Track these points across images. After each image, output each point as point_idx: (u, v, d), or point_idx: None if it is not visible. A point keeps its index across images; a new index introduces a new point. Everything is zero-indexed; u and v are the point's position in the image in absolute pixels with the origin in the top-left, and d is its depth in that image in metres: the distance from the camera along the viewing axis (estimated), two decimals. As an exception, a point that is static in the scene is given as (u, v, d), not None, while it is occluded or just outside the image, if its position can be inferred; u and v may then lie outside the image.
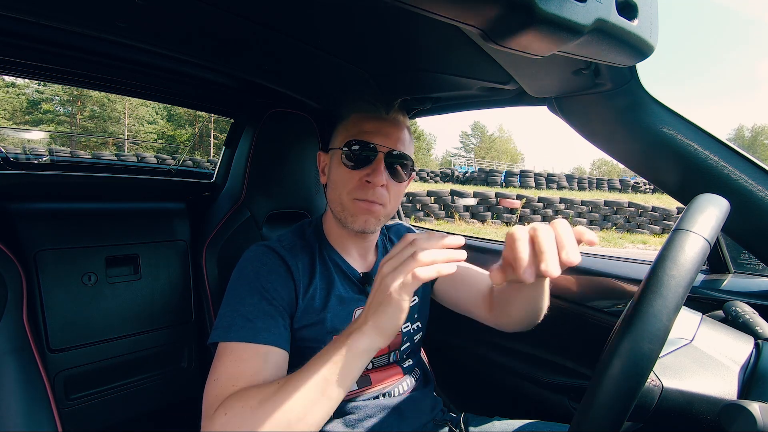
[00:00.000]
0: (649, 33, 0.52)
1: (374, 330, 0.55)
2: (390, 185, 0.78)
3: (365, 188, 0.76)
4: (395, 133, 0.78)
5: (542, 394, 1.14)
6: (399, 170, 0.78)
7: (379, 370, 0.84)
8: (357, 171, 0.76)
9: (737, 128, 61.96)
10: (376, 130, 0.77)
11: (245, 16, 0.73)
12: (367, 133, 0.77)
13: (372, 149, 0.76)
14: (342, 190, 0.78)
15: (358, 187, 0.77)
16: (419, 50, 0.83)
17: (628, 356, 0.34)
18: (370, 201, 0.76)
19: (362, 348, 0.55)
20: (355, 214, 0.77)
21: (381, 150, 0.76)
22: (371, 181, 0.75)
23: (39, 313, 0.95)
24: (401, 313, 0.53)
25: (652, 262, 0.42)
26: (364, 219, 0.77)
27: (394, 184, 0.78)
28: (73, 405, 1.01)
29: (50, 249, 0.97)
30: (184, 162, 8.23)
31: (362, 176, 0.76)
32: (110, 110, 31.25)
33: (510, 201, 11.36)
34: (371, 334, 0.55)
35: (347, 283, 0.84)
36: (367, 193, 0.76)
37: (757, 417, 0.47)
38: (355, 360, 0.55)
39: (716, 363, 0.61)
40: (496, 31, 0.46)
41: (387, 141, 0.77)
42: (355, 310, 0.82)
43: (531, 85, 0.81)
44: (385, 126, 0.78)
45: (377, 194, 0.76)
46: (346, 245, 0.87)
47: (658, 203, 12.45)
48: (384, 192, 0.77)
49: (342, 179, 0.78)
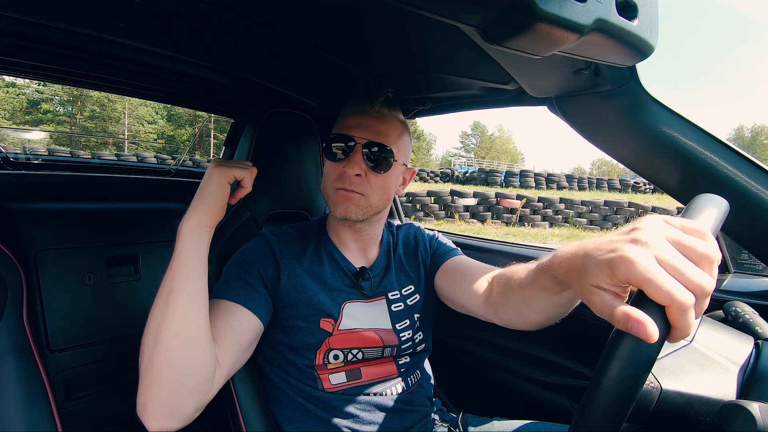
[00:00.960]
0: (649, 33, 0.52)
1: (200, 208, 0.66)
2: (369, 176, 0.81)
3: (343, 177, 0.80)
4: (376, 125, 0.82)
5: (542, 394, 1.14)
6: (379, 161, 0.81)
7: (370, 364, 0.84)
8: (338, 163, 0.81)
9: (737, 128, 61.98)
10: (357, 123, 0.82)
11: (245, 15, 0.73)
12: (349, 127, 0.82)
13: (349, 140, 0.80)
14: (327, 182, 0.84)
15: (338, 177, 0.81)
16: (419, 50, 0.83)
17: (627, 358, 0.34)
18: (347, 189, 0.80)
19: (189, 229, 0.65)
20: (336, 202, 0.82)
21: (359, 141, 0.80)
22: (347, 171, 0.79)
23: (39, 313, 0.95)
24: (224, 191, 0.68)
25: None
26: (344, 207, 0.81)
27: (373, 174, 0.81)
28: (73, 405, 1.01)
29: (50, 249, 0.97)
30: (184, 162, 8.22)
31: (343, 167, 0.80)
32: (110, 110, 31.26)
33: (510, 201, 11.37)
34: (195, 214, 0.65)
35: (338, 273, 0.87)
36: (344, 182, 0.80)
37: (756, 417, 0.47)
38: (192, 243, 0.64)
39: (715, 364, 0.61)
40: (496, 31, 0.46)
41: (366, 133, 0.81)
42: (345, 302, 0.83)
43: (531, 85, 0.81)
44: (366, 119, 0.82)
45: (354, 183, 0.80)
46: (344, 239, 0.90)
47: (658, 203, 12.46)
48: (361, 181, 0.80)
49: (327, 172, 0.84)
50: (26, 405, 0.71)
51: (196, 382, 0.60)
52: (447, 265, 0.90)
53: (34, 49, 0.93)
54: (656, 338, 0.33)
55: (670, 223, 0.39)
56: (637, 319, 0.33)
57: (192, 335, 0.60)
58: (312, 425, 0.79)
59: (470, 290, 0.81)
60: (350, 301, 0.84)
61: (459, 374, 1.37)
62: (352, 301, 0.84)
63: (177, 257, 0.63)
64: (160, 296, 0.61)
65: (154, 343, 0.58)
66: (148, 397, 0.58)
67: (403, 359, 0.88)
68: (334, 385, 0.80)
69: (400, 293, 0.90)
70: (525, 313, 0.67)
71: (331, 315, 0.81)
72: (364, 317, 0.84)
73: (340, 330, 0.81)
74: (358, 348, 0.82)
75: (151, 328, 0.60)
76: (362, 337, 0.82)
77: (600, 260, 0.39)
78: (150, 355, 0.58)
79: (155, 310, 0.61)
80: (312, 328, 0.80)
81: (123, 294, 1.07)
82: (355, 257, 0.90)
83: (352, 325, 0.82)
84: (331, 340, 0.80)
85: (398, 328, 0.86)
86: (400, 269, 0.93)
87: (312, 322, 0.80)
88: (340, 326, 0.81)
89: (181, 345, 0.59)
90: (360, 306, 0.85)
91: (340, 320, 0.81)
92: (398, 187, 0.89)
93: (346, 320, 0.82)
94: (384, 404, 0.82)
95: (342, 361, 0.81)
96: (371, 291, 0.87)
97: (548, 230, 10.88)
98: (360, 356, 0.82)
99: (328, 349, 0.80)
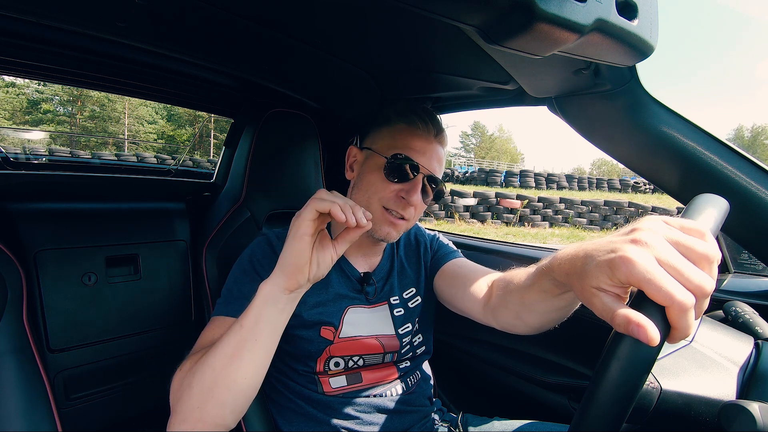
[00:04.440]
0: (649, 33, 0.52)
1: (278, 270, 0.60)
2: (419, 205, 0.80)
3: (399, 203, 0.78)
4: (438, 154, 0.82)
5: (542, 394, 1.13)
6: (430, 192, 0.81)
7: (371, 369, 0.84)
8: (395, 183, 0.78)
9: (737, 128, 61.93)
10: (423, 150, 0.79)
11: (245, 15, 0.73)
12: (415, 151, 0.79)
13: (415, 168, 0.78)
14: (374, 196, 0.79)
15: (392, 199, 0.78)
16: (420, 50, 0.83)
17: (627, 358, 0.34)
18: (397, 215, 0.79)
19: (266, 291, 0.59)
20: (381, 223, 0.79)
21: (423, 172, 0.78)
22: (407, 199, 0.77)
23: (39, 313, 0.95)
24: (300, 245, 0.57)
25: None
26: (388, 230, 0.80)
27: (422, 204, 0.80)
28: (73, 405, 1.01)
29: (50, 249, 0.97)
30: (184, 162, 8.24)
31: (398, 190, 0.78)
32: (110, 110, 31.25)
33: (510, 201, 11.36)
34: (275, 275, 0.60)
35: (343, 279, 0.85)
36: (399, 207, 0.78)
37: (756, 417, 0.47)
38: (264, 306, 0.59)
39: (715, 364, 0.61)
40: (496, 31, 0.46)
41: (430, 163, 0.80)
42: (348, 307, 0.83)
43: (531, 85, 0.81)
44: (431, 148, 0.81)
45: (408, 211, 0.79)
46: (352, 247, 0.86)
47: (658, 203, 12.46)
48: (413, 210, 0.79)
49: (376, 186, 0.79)
50: (26, 405, 0.71)
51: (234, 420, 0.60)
52: (447, 268, 0.90)
53: (34, 49, 0.93)
54: (657, 342, 0.33)
55: (670, 224, 0.38)
56: (637, 323, 0.33)
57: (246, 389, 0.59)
58: (311, 426, 0.79)
59: (469, 294, 0.80)
60: (353, 307, 0.83)
61: (459, 374, 1.37)
62: (355, 306, 0.84)
63: (248, 315, 0.59)
64: (224, 349, 0.58)
65: (208, 393, 0.56)
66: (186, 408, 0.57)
67: (404, 363, 0.88)
68: (334, 389, 0.80)
69: (401, 297, 0.90)
70: (524, 316, 0.66)
71: (331, 323, 0.80)
72: (365, 324, 0.83)
73: (340, 338, 0.80)
74: (359, 355, 0.82)
75: (206, 376, 0.57)
76: (363, 345, 0.82)
77: (600, 261, 0.38)
78: (200, 401, 0.56)
79: (216, 359, 0.57)
80: (313, 337, 0.79)
81: (123, 294, 1.07)
82: (359, 262, 0.89)
83: (353, 333, 0.81)
84: (332, 348, 0.80)
85: (401, 332, 0.86)
86: (401, 272, 0.93)
87: (313, 330, 0.79)
88: (340, 334, 0.80)
89: (234, 398, 0.58)
90: (362, 312, 0.84)
91: (341, 328, 0.81)
92: None
93: (346, 328, 0.81)
94: (383, 405, 0.81)
95: (343, 368, 0.81)
96: (375, 297, 0.87)
97: (548, 230, 10.88)
98: (361, 363, 0.82)
99: (329, 357, 0.79)
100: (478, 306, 0.78)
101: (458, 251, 0.96)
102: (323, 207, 0.56)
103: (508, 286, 0.68)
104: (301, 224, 0.57)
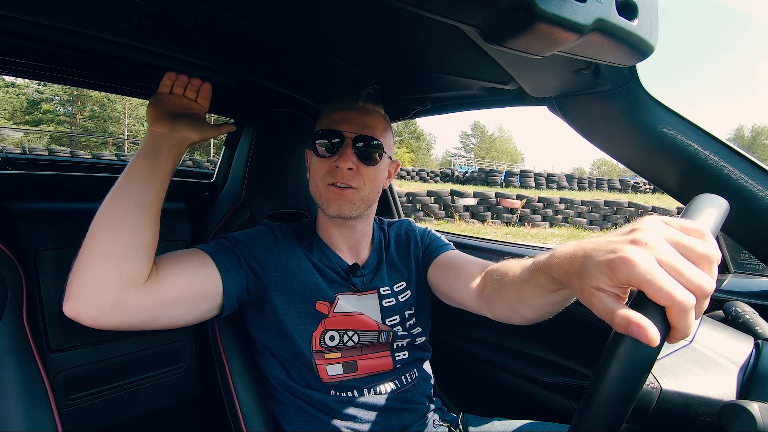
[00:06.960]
0: (649, 33, 0.52)
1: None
2: (361, 169, 0.81)
3: (335, 173, 0.81)
4: (362, 119, 0.83)
5: (542, 394, 1.14)
6: (369, 154, 0.82)
7: (367, 356, 0.85)
8: (328, 159, 0.82)
9: (737, 128, 61.93)
10: (342, 118, 0.82)
11: (245, 15, 0.73)
12: (335, 122, 0.82)
13: (339, 135, 0.81)
14: (317, 178, 0.84)
15: (328, 172, 0.81)
16: (419, 50, 0.83)
17: (626, 358, 0.34)
18: (340, 186, 0.80)
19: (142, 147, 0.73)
20: (329, 199, 0.82)
21: (348, 136, 0.81)
22: (339, 165, 0.79)
23: (39, 313, 0.95)
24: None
25: None
26: (338, 204, 0.81)
27: (365, 167, 0.82)
28: (73, 405, 1.01)
29: (50, 249, 0.97)
30: (183, 162, 8.24)
31: (332, 162, 0.81)
32: (110, 110, 31.27)
33: (510, 201, 11.36)
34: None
35: (332, 273, 0.87)
36: (336, 177, 0.80)
37: (756, 417, 0.47)
38: (140, 154, 0.72)
39: (715, 364, 0.61)
40: (496, 31, 0.46)
41: (353, 127, 0.81)
42: (336, 294, 0.84)
43: (531, 85, 0.81)
44: (352, 114, 0.83)
45: (346, 177, 0.80)
46: (335, 240, 0.90)
47: (658, 203, 12.46)
48: (353, 175, 0.81)
49: (316, 168, 0.84)
50: (26, 405, 0.71)
51: (119, 271, 0.64)
52: (440, 260, 0.91)
53: (34, 49, 0.93)
54: (657, 342, 0.33)
55: (670, 224, 0.38)
56: (637, 323, 0.33)
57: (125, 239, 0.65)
58: (311, 425, 0.79)
59: (463, 284, 0.81)
60: (342, 293, 0.85)
61: (459, 374, 1.37)
62: (344, 293, 0.86)
63: (134, 167, 0.73)
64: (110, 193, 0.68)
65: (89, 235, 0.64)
66: (71, 279, 0.64)
67: (402, 354, 0.88)
68: (331, 376, 0.81)
69: (392, 289, 0.90)
70: (519, 309, 0.66)
71: (327, 298, 0.82)
72: (356, 306, 0.85)
73: (335, 312, 0.82)
74: (353, 330, 0.83)
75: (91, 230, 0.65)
76: (357, 320, 0.83)
77: (599, 261, 0.38)
78: (83, 246, 0.63)
79: (102, 205, 0.67)
80: (309, 310, 0.81)
81: (123, 294, 1.07)
82: (347, 257, 0.91)
83: (347, 309, 0.84)
84: (327, 321, 0.81)
85: (388, 323, 0.87)
86: (391, 266, 0.94)
87: (309, 303, 0.82)
88: (335, 309, 0.83)
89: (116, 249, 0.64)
90: (352, 297, 0.86)
91: (336, 304, 0.83)
92: (385, 180, 0.90)
93: (341, 303, 0.84)
94: (381, 403, 0.82)
95: (338, 342, 0.82)
96: (362, 287, 0.88)
97: (548, 230, 10.88)
98: (356, 339, 0.83)
99: (325, 330, 0.81)
100: (472, 297, 0.78)
101: (450, 244, 0.97)
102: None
103: (503, 278, 0.68)
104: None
